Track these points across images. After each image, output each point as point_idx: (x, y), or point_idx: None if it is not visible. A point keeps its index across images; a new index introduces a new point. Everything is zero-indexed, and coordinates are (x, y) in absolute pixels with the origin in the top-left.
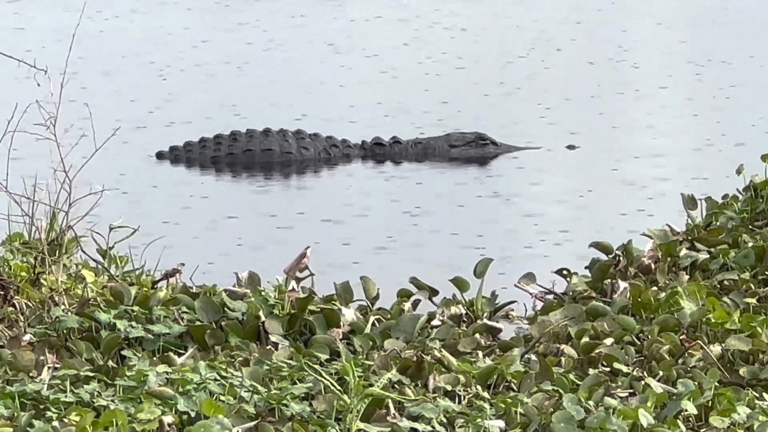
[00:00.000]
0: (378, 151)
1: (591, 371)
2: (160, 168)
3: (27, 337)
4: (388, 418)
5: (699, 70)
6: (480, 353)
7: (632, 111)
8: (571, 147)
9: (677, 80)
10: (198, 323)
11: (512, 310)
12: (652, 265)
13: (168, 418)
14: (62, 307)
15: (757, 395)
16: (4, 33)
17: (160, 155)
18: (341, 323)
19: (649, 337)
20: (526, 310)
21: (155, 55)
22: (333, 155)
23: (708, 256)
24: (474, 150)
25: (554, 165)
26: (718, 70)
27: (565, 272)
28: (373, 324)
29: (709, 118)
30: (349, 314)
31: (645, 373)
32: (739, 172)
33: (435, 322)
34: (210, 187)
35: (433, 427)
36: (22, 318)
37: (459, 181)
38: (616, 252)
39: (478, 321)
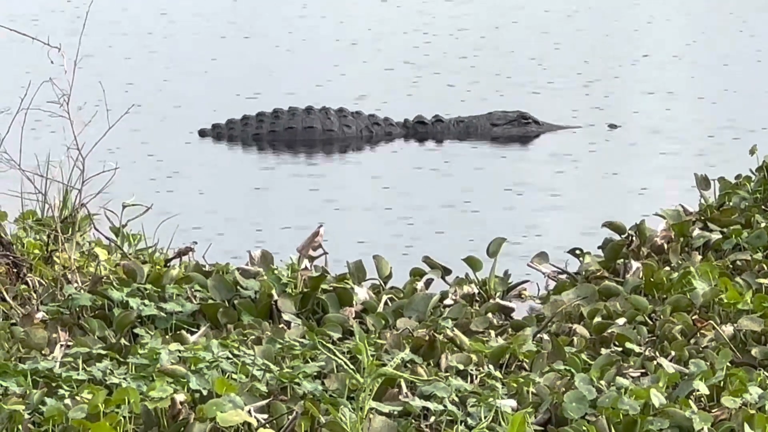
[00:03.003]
0: (420, 130)
1: (603, 351)
2: (201, 145)
3: (39, 315)
4: (400, 397)
5: (712, 54)
6: (492, 332)
7: (648, 91)
8: (612, 126)
9: (689, 63)
10: (211, 302)
11: (525, 289)
12: (665, 245)
13: (180, 396)
14: (75, 284)
15: None
16: (16, 11)
17: (202, 133)
18: (354, 302)
19: (662, 317)
20: (538, 290)
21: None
22: (375, 133)
23: (721, 236)
24: (516, 129)
25: (587, 144)
26: (732, 53)
27: (578, 252)
28: (386, 303)
29: (725, 98)
30: (361, 293)
31: (657, 353)
32: (752, 152)
33: (447, 302)
34: (241, 165)
35: (445, 406)
36: (34, 296)
37: (484, 159)
38: (629, 232)
39: (491, 300)
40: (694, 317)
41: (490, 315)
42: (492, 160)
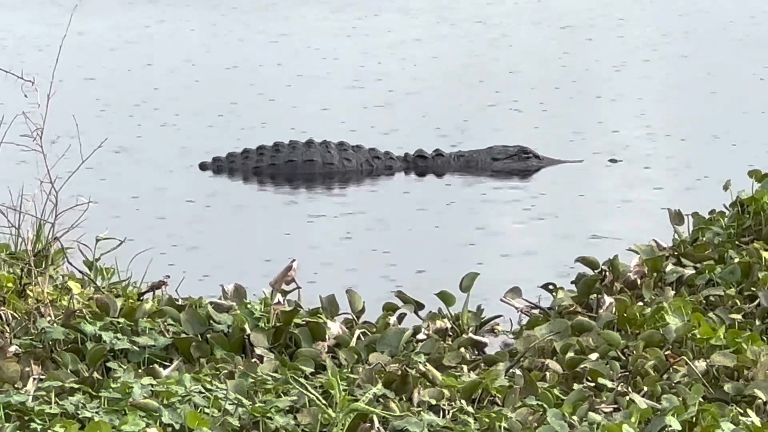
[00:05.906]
0: (420, 164)
1: (575, 386)
2: (199, 178)
3: (12, 348)
4: (372, 431)
5: (689, 82)
6: (465, 367)
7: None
8: (613, 161)
9: (665, 94)
10: (183, 335)
11: (498, 324)
12: (638, 281)
13: (152, 431)
14: (48, 318)
15: (741, 411)
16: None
17: (203, 166)
18: (327, 336)
19: (634, 352)
20: (511, 325)
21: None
22: (375, 167)
23: (694, 271)
24: (516, 163)
25: (585, 178)
26: (709, 81)
27: (551, 287)
28: (359, 337)
29: (699, 131)
30: (334, 327)
31: (629, 389)
32: (726, 187)
33: (420, 336)
34: (225, 197)
35: None
36: (7, 329)
37: (462, 192)
38: (602, 267)
39: (464, 335)
40: (666, 353)
41: (462, 350)
42: (485, 195)
